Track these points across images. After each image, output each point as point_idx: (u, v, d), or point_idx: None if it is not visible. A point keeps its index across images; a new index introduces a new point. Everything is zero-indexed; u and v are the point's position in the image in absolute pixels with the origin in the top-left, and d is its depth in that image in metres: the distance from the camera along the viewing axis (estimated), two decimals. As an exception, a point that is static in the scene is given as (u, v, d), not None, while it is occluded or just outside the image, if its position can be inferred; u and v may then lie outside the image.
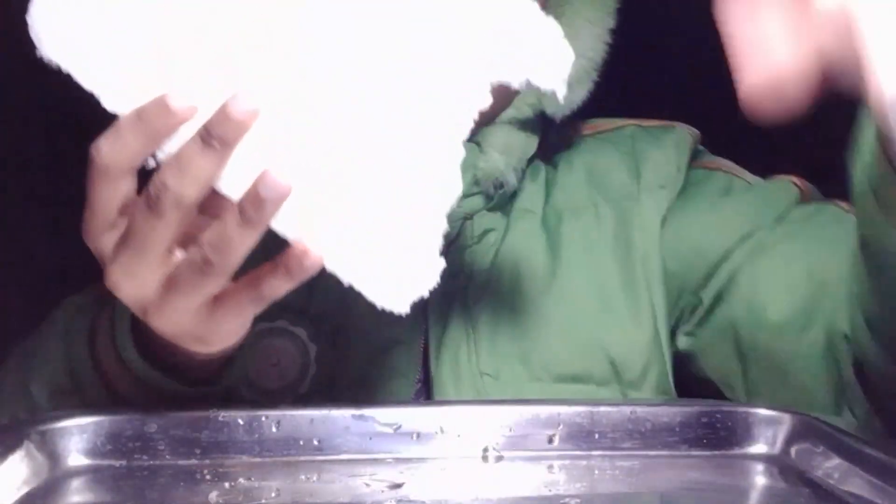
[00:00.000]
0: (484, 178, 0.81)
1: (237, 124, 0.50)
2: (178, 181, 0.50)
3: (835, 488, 0.56)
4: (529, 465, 0.60)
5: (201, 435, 0.60)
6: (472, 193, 0.81)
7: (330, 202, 0.52)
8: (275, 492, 0.56)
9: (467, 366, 0.78)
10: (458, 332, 0.80)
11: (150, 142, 0.51)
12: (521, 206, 0.85)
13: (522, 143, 0.83)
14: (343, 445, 0.61)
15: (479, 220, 0.83)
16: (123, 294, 0.55)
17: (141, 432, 0.60)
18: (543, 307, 0.81)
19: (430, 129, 0.54)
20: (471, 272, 0.82)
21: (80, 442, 0.59)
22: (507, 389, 0.78)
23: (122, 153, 0.51)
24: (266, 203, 0.50)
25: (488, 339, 0.80)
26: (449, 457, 0.61)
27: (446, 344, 0.79)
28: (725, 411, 0.63)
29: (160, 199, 0.51)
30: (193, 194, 0.51)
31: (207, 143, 0.50)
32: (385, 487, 0.57)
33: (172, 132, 0.51)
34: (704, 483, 0.59)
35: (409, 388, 0.78)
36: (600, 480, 0.59)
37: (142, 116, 0.50)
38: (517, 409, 0.62)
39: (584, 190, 0.87)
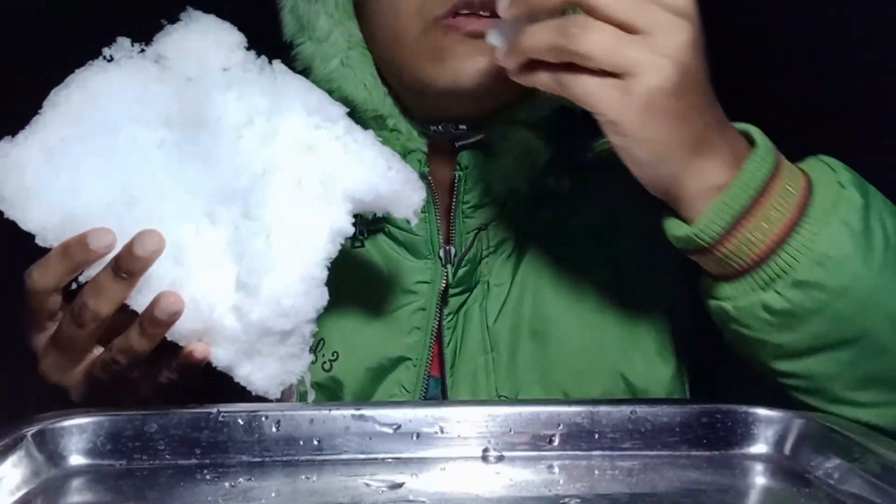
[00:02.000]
0: (495, 184, 0.79)
1: (142, 260, 0.60)
2: (95, 301, 0.61)
3: (835, 488, 0.56)
4: (529, 465, 0.60)
5: (201, 435, 0.60)
6: (485, 203, 0.80)
7: (214, 318, 0.62)
8: (275, 492, 0.56)
9: (485, 386, 0.77)
10: (476, 350, 0.78)
11: (72, 270, 0.62)
12: (542, 211, 0.82)
13: (539, 148, 0.80)
14: (343, 445, 0.61)
15: (494, 229, 0.81)
16: (51, 380, 0.66)
17: (141, 432, 0.60)
18: (566, 330, 0.79)
19: (296, 248, 0.63)
20: (487, 285, 0.81)
21: (80, 442, 0.59)
22: None
23: (48, 278, 0.62)
24: (160, 321, 0.60)
25: (508, 359, 0.78)
26: (449, 457, 0.61)
27: (463, 361, 0.78)
28: (725, 411, 0.63)
29: (81, 314, 0.62)
30: (107, 311, 0.61)
31: (118, 273, 0.60)
32: (385, 487, 0.57)
33: (91, 263, 0.61)
34: (704, 483, 0.59)
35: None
36: (600, 480, 0.59)
37: (66, 251, 0.61)
38: (517, 409, 0.62)
39: (611, 212, 0.83)
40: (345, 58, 0.79)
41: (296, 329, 0.63)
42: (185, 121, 0.66)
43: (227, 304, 0.63)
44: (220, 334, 0.62)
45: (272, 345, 0.63)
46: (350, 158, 0.67)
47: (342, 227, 0.65)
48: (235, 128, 0.66)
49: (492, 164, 0.79)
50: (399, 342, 0.78)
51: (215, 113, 0.66)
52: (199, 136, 0.66)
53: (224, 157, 0.65)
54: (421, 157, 0.80)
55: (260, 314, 0.62)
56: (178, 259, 0.62)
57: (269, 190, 0.64)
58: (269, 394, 0.64)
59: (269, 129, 0.66)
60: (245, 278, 0.62)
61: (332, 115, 0.68)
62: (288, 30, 0.80)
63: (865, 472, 0.55)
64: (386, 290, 0.80)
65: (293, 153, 0.66)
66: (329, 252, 0.64)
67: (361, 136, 0.68)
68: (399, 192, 0.68)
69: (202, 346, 0.62)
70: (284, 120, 0.67)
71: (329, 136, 0.67)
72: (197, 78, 0.67)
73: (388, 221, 0.80)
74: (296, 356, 0.64)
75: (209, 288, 0.63)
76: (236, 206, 0.65)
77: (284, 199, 0.64)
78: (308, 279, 0.63)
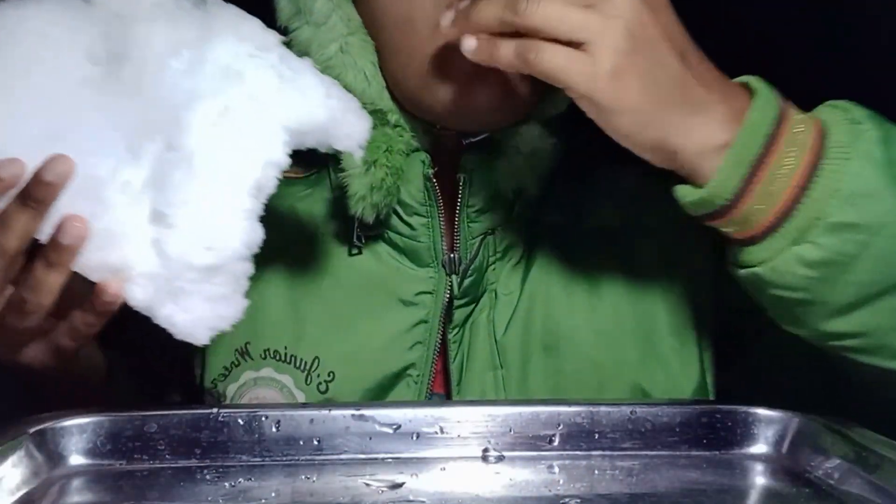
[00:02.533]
0: (503, 186, 0.74)
1: (50, 185, 0.57)
2: (2, 234, 0.58)
3: (835, 488, 0.56)
4: (529, 465, 0.60)
5: (201, 435, 0.60)
6: (491, 207, 0.75)
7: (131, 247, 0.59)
8: (275, 492, 0.56)
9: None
10: (484, 366, 0.74)
11: None
12: (553, 215, 0.78)
13: (551, 147, 0.75)
14: (343, 445, 0.61)
15: (501, 234, 0.76)
16: None
17: (141, 432, 0.60)
18: (581, 345, 0.75)
19: (220, 178, 0.60)
20: (495, 293, 0.76)
21: (80, 442, 0.59)
22: None
23: None
24: (65, 247, 0.57)
25: (519, 375, 0.74)
26: (449, 457, 0.61)
27: (471, 378, 0.74)
28: (725, 411, 0.63)
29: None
30: (15, 245, 0.58)
31: (25, 202, 0.57)
32: (385, 487, 0.57)
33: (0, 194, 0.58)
34: (704, 483, 0.59)
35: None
36: (600, 480, 0.59)
37: None
38: (517, 409, 0.62)
39: (625, 214, 0.78)
40: (344, 44, 0.73)
41: (223, 266, 0.59)
42: (111, 56, 0.62)
43: (144, 237, 0.59)
44: (136, 269, 0.59)
45: (196, 282, 0.59)
46: (284, 86, 0.62)
47: (275, 157, 0.61)
48: (161, 59, 0.62)
49: (499, 165, 0.74)
50: (399, 358, 0.74)
51: (141, 45, 0.62)
52: (124, 71, 0.62)
53: (149, 90, 0.62)
54: (424, 157, 0.74)
55: (179, 246, 0.58)
56: (95, 194, 0.59)
57: (192, 119, 0.60)
58: (196, 338, 0.60)
59: (196, 58, 0.62)
60: (163, 208, 0.59)
61: (266, 42, 0.64)
62: (283, 13, 0.75)
63: (865, 472, 0.55)
64: (385, 302, 0.76)
65: (220, 81, 0.62)
66: (260, 183, 0.60)
67: (297, 63, 0.64)
68: (339, 120, 0.63)
69: (116, 282, 0.59)
70: (213, 48, 0.63)
71: (262, 64, 0.63)
72: (125, 13, 0.63)
73: (388, 227, 0.75)
74: (226, 298, 0.60)
75: (125, 220, 0.59)
76: (160, 138, 0.61)
77: (208, 128, 0.60)
78: (235, 210, 0.59)
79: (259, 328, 0.75)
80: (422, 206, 0.75)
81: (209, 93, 0.61)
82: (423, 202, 0.74)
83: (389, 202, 0.73)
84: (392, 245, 0.76)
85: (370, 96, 0.73)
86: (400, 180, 0.73)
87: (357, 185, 0.73)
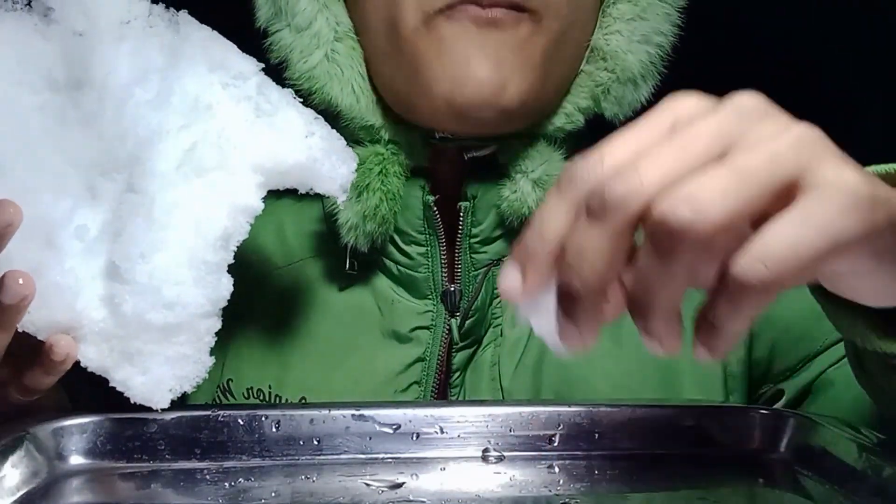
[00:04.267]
0: (509, 214, 0.68)
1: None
2: None
3: (835, 489, 0.56)
4: (529, 465, 0.60)
5: (201, 435, 0.60)
6: (495, 238, 0.69)
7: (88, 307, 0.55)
8: (274, 492, 0.56)
9: None
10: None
11: None
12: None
13: (562, 169, 0.64)
14: (343, 445, 0.61)
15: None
16: None
17: (141, 432, 0.60)
18: (596, 379, 0.69)
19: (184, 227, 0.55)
20: (500, 331, 0.70)
21: (80, 442, 0.59)
22: None
23: None
24: (7, 307, 0.52)
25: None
26: (449, 457, 0.61)
27: None
28: (725, 411, 0.63)
29: None
30: None
31: None
32: (385, 487, 0.57)
33: None
34: (704, 483, 0.59)
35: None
36: (600, 480, 0.59)
37: None
38: (517, 409, 0.62)
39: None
40: (330, 51, 0.66)
41: (185, 324, 0.54)
42: (70, 82, 0.57)
43: (97, 292, 0.54)
44: (89, 328, 0.54)
45: (154, 342, 0.54)
46: (260, 122, 0.57)
47: (247, 202, 0.55)
48: (125, 87, 0.56)
49: (504, 190, 0.68)
50: (393, 399, 0.69)
51: (103, 70, 0.57)
52: (84, 98, 0.57)
53: (110, 121, 0.56)
54: (424, 183, 0.68)
55: (134, 305, 0.53)
56: (48, 239, 0.54)
57: (155, 159, 0.55)
58: (154, 402, 0.56)
59: (163, 87, 0.56)
60: (118, 261, 0.53)
61: (242, 70, 0.58)
62: (262, 14, 0.68)
63: (865, 471, 0.55)
64: (378, 338, 0.70)
65: (187, 115, 0.56)
66: (229, 232, 0.55)
67: (277, 94, 0.58)
68: (320, 161, 0.58)
69: (66, 341, 0.54)
70: (181, 77, 0.57)
71: (236, 96, 0.57)
72: (88, 33, 0.58)
73: (384, 254, 0.70)
74: (188, 358, 0.56)
75: (79, 272, 0.54)
76: (121, 178, 0.56)
77: (172, 170, 0.54)
78: (199, 264, 0.54)
79: (241, 365, 0.71)
80: (420, 234, 0.69)
81: (175, 128, 0.55)
82: (422, 230, 0.69)
83: (385, 230, 0.68)
84: (388, 274, 0.71)
85: (360, 111, 0.68)
86: (397, 206, 0.68)
87: (348, 214, 0.67)
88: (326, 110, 0.66)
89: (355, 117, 0.67)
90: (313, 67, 0.66)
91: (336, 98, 0.67)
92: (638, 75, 0.68)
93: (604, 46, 0.68)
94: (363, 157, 0.67)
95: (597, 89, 0.68)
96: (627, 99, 0.69)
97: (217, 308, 0.56)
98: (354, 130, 0.69)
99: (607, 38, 0.68)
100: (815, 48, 1.02)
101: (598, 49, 0.69)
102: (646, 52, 0.68)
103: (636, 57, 0.68)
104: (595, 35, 0.69)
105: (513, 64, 0.64)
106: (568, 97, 0.69)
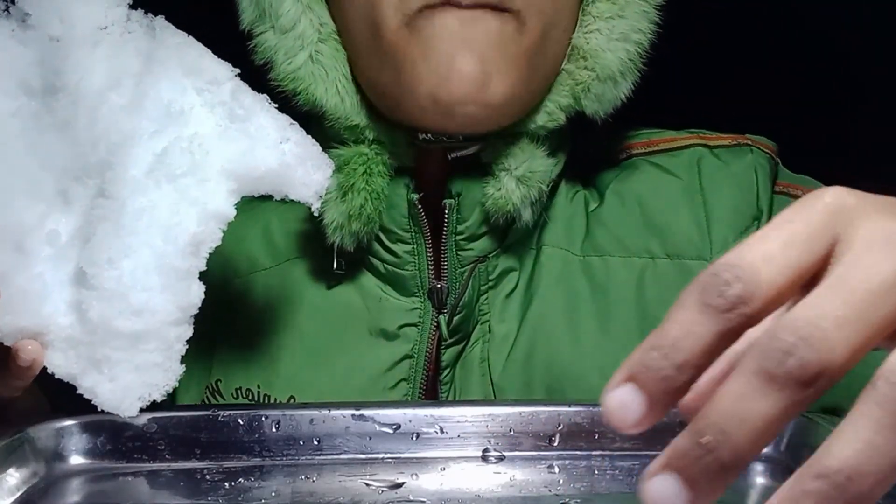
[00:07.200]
0: (493, 211, 0.68)
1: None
2: None
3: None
4: (529, 465, 0.60)
5: (201, 435, 0.60)
6: (481, 234, 0.70)
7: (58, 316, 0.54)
8: (274, 492, 0.56)
9: None
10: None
11: None
12: (552, 240, 0.72)
13: (546, 168, 0.69)
14: (343, 445, 0.61)
15: (494, 259, 0.71)
16: None
17: (141, 432, 0.60)
18: (589, 388, 0.68)
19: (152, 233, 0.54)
20: (488, 326, 0.70)
21: (80, 442, 0.59)
22: None
23: None
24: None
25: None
26: (449, 457, 0.61)
27: None
28: (725, 411, 0.63)
29: None
30: None
31: None
32: (385, 487, 0.57)
33: None
34: (704, 483, 0.59)
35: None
36: (600, 480, 0.59)
37: None
38: (517, 409, 0.62)
39: (637, 235, 0.72)
40: (314, 52, 0.67)
41: (154, 331, 0.54)
42: (46, 86, 0.57)
43: (65, 298, 0.54)
44: (56, 334, 0.54)
45: (122, 350, 0.54)
46: (232, 127, 0.56)
47: (218, 208, 0.55)
48: (99, 92, 0.56)
49: (489, 188, 0.68)
50: (382, 396, 0.69)
51: (76, 75, 0.56)
52: (59, 103, 0.57)
53: (84, 126, 0.56)
54: (408, 181, 0.69)
55: (101, 311, 0.53)
56: (17, 244, 0.54)
57: (127, 163, 0.54)
58: (122, 410, 0.55)
59: (137, 92, 0.56)
60: (85, 266, 0.53)
61: (216, 76, 0.58)
62: (246, 16, 0.68)
63: (865, 472, 0.55)
64: (366, 336, 0.71)
65: (160, 120, 0.55)
66: (199, 238, 0.55)
67: (251, 100, 0.58)
68: (294, 168, 0.57)
69: (32, 346, 0.53)
70: (155, 81, 0.56)
71: (210, 101, 0.57)
72: (63, 37, 0.57)
73: (371, 253, 0.70)
74: (158, 366, 0.55)
75: (47, 278, 0.54)
76: (93, 183, 0.56)
77: (142, 175, 0.54)
78: (167, 270, 0.54)
79: (230, 365, 0.71)
80: (406, 232, 0.69)
81: (147, 133, 0.55)
82: (408, 228, 0.69)
83: (371, 229, 0.68)
84: (375, 273, 0.71)
85: (344, 111, 0.68)
86: (382, 205, 0.68)
87: (334, 213, 0.67)
88: (311, 111, 0.66)
89: (340, 117, 0.68)
90: (298, 68, 0.67)
91: (321, 98, 0.67)
92: (617, 73, 0.68)
93: (584, 45, 0.69)
94: (347, 157, 0.67)
95: (577, 87, 0.69)
96: (607, 96, 0.69)
97: (188, 315, 0.55)
98: (339, 130, 0.69)
99: (587, 37, 0.69)
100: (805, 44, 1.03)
101: (578, 48, 0.69)
102: (625, 49, 0.68)
103: (615, 55, 0.68)
104: (575, 34, 0.69)
105: (496, 61, 0.64)
106: (549, 96, 0.69)
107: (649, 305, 0.71)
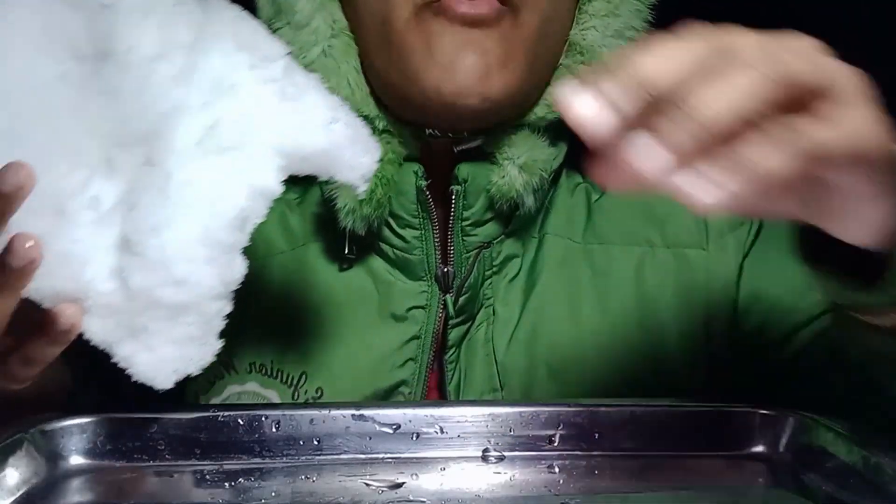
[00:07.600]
0: (498, 198, 0.71)
1: (4, 196, 0.50)
2: None
3: (834, 489, 0.56)
4: (529, 465, 0.60)
5: (201, 435, 0.60)
6: (486, 220, 0.72)
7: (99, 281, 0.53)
8: (274, 492, 0.56)
9: None
10: (484, 388, 0.72)
11: None
12: (553, 229, 0.75)
13: (547, 157, 0.72)
14: (343, 445, 0.61)
15: (498, 245, 0.74)
16: None
17: (141, 432, 0.60)
18: (591, 371, 0.72)
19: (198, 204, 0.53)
20: (492, 309, 0.73)
21: (80, 442, 0.59)
22: None
23: None
24: (13, 270, 0.50)
25: (520, 395, 0.72)
26: (449, 457, 0.61)
27: (471, 396, 0.72)
28: (725, 411, 0.63)
29: None
30: None
31: None
32: (385, 487, 0.57)
33: None
34: (704, 483, 0.59)
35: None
36: (600, 480, 0.59)
37: None
38: (517, 409, 0.62)
39: (637, 225, 0.75)
40: (327, 47, 0.70)
41: (194, 304, 0.53)
42: (95, 52, 0.56)
43: (106, 264, 0.53)
44: (95, 300, 0.52)
45: (162, 320, 0.53)
46: (284, 105, 0.56)
47: (265, 185, 0.54)
48: (149, 61, 0.55)
49: (493, 175, 0.71)
50: (390, 375, 0.72)
51: (126, 43, 0.55)
52: (107, 70, 0.56)
53: (131, 94, 0.55)
54: (417, 168, 0.71)
55: (143, 279, 0.52)
56: (59, 208, 0.52)
57: (174, 134, 0.53)
58: (157, 382, 0.54)
59: (188, 63, 0.55)
60: (129, 234, 0.52)
61: (269, 52, 0.57)
62: (263, 13, 0.71)
63: (865, 472, 0.55)
64: (376, 317, 0.73)
65: (211, 93, 0.55)
66: (245, 213, 0.54)
67: (304, 78, 0.57)
68: (343, 148, 0.57)
69: (73, 309, 0.52)
70: (207, 54, 0.55)
71: (262, 77, 0.56)
72: (114, 4, 0.56)
73: (381, 238, 0.73)
74: (196, 340, 0.54)
75: (88, 243, 0.53)
76: (141, 151, 0.54)
77: (191, 146, 0.53)
78: (212, 243, 0.53)
79: (245, 340, 0.73)
80: (414, 218, 0.72)
81: (197, 105, 0.54)
82: (416, 214, 0.72)
83: (381, 214, 0.71)
84: (384, 257, 0.74)
85: (355, 103, 0.70)
86: (392, 192, 0.71)
87: (346, 198, 0.70)
88: None
89: (351, 108, 0.67)
90: (312, 62, 0.70)
91: (333, 91, 0.66)
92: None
93: (580, 41, 0.72)
94: None
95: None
96: None
97: (228, 290, 0.54)
98: None
99: (584, 34, 0.72)
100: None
101: (575, 44, 0.73)
102: (619, 46, 0.72)
103: (610, 51, 0.72)
104: (573, 31, 0.73)
105: (497, 55, 0.67)
106: (549, 89, 0.72)
107: (648, 290, 0.74)
